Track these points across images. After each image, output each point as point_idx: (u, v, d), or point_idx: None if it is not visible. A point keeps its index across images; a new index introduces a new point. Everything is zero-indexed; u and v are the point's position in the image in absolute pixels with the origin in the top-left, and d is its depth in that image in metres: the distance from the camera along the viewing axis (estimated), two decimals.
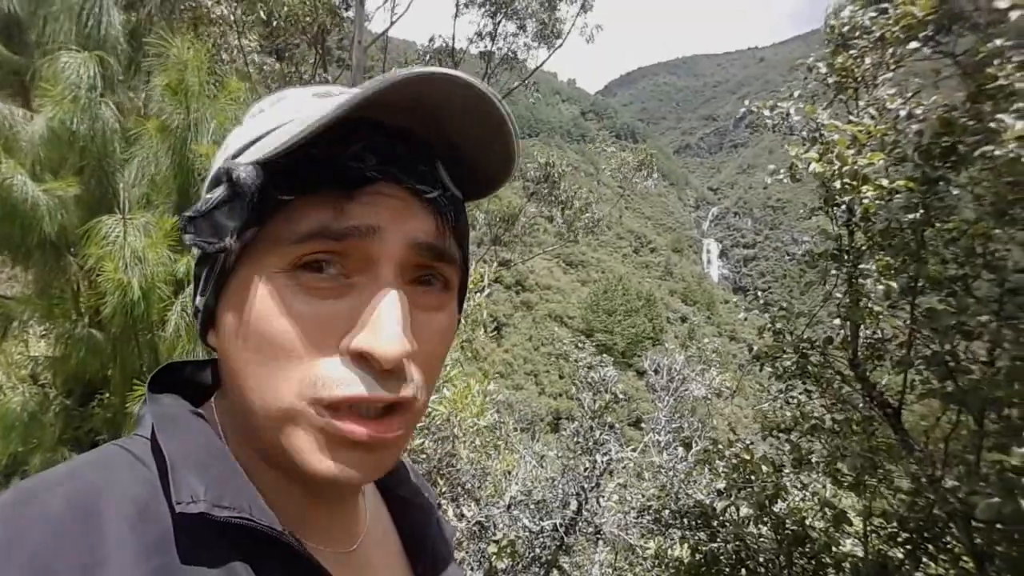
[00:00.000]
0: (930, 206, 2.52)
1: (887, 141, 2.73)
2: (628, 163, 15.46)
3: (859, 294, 2.95)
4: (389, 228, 0.47)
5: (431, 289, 0.51)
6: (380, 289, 0.46)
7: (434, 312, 0.51)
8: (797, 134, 3.25)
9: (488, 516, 5.19)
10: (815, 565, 3.14)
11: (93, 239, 3.02)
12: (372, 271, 0.47)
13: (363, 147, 0.47)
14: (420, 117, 0.49)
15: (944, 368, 2.46)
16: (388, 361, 0.44)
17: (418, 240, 0.48)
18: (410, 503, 0.70)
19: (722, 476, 3.69)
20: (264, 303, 0.47)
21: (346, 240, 0.46)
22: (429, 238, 0.49)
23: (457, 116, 0.48)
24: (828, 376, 3.25)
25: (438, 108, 0.48)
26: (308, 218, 0.46)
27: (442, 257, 0.51)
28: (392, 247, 0.47)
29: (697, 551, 3.60)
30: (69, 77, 3.14)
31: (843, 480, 3.09)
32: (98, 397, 3.54)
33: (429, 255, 0.50)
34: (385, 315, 0.45)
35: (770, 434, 3.49)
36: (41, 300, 3.56)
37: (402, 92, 0.44)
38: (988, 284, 2.40)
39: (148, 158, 3.31)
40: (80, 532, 0.39)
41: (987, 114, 2.27)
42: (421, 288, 0.51)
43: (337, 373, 0.45)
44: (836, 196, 2.86)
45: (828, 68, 3.23)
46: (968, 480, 2.33)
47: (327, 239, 0.46)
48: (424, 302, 0.50)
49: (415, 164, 0.49)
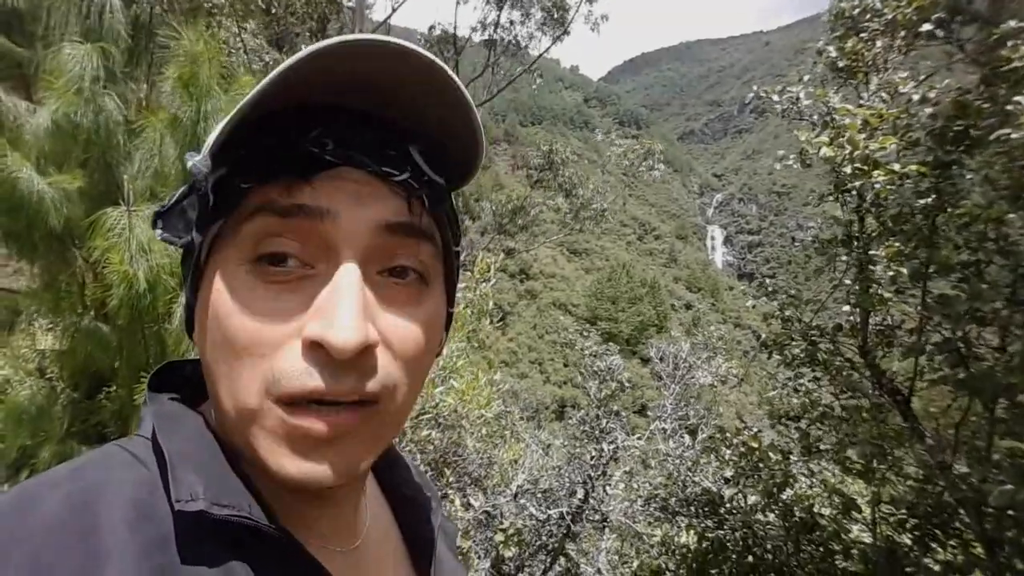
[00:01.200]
0: (943, 191, 2.49)
1: (899, 125, 2.69)
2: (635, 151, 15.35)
3: (869, 280, 2.92)
4: (347, 212, 0.45)
5: (405, 281, 0.49)
6: (337, 275, 0.44)
7: (410, 305, 0.49)
8: (807, 119, 3.21)
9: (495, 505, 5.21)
10: (823, 552, 3.14)
11: (98, 231, 3.01)
12: (333, 258, 0.45)
13: (321, 132, 0.45)
14: (385, 98, 0.47)
15: (956, 355, 2.44)
16: (341, 351, 0.42)
17: (386, 222, 0.46)
18: (412, 501, 0.69)
19: (729, 464, 3.69)
20: (225, 298, 0.45)
21: (293, 218, 0.44)
22: (400, 218, 0.47)
23: (414, 95, 0.46)
24: (837, 363, 3.23)
25: (395, 87, 0.46)
26: (268, 207, 0.45)
27: (416, 234, 0.48)
28: (352, 232, 0.45)
29: (704, 538, 3.61)
30: (72, 69, 3.13)
31: (852, 467, 3.09)
32: (105, 390, 3.55)
33: (402, 233, 0.47)
34: (339, 301, 0.43)
35: (778, 422, 3.48)
36: (47, 293, 3.56)
37: (340, 69, 0.43)
38: (1001, 270, 2.37)
39: (152, 150, 3.29)
40: (80, 532, 0.39)
41: (1002, 96, 2.23)
42: (394, 280, 0.48)
43: (294, 366, 0.43)
44: (847, 181, 2.83)
45: (838, 52, 3.18)
46: (980, 467, 2.32)
47: (271, 213, 0.44)
48: (398, 295, 0.48)
49: (381, 148, 0.47)
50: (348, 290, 0.43)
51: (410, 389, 0.50)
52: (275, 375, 0.43)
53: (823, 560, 3.12)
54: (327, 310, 0.43)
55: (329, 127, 0.46)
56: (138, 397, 3.12)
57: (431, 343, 0.51)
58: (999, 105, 2.19)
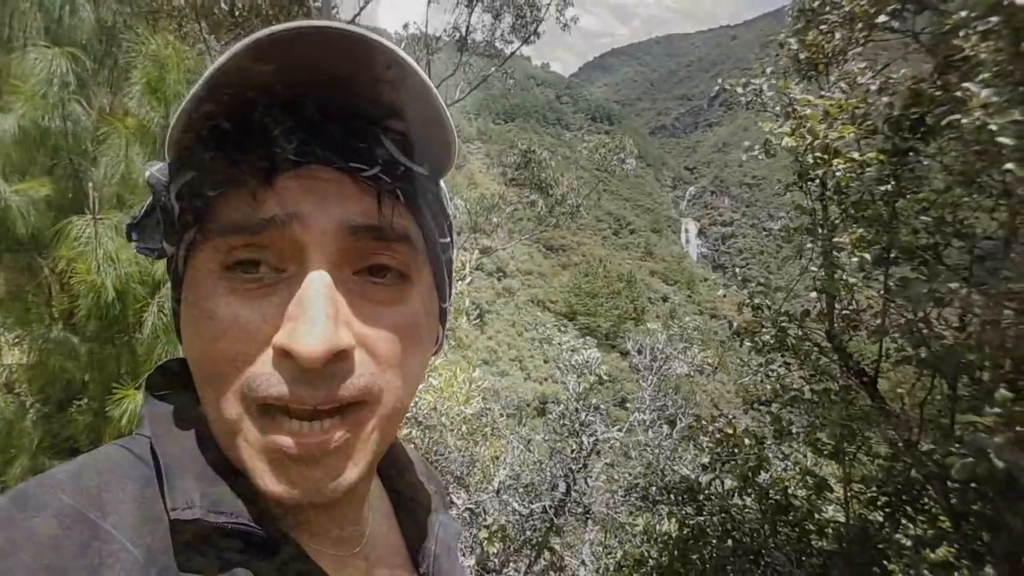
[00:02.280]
0: (901, 177, 2.57)
1: (858, 114, 2.77)
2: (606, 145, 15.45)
3: (834, 267, 3.00)
4: (314, 213, 0.43)
5: (384, 280, 0.47)
6: (305, 282, 0.43)
7: (389, 304, 0.47)
8: (770, 110, 3.28)
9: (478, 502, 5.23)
10: (799, 532, 3.22)
11: (64, 240, 2.96)
12: (303, 261, 0.44)
13: (283, 130, 0.43)
14: (347, 88, 0.44)
15: (918, 335, 2.52)
16: (308, 360, 0.40)
17: (354, 223, 0.44)
18: (413, 500, 0.68)
19: (706, 451, 3.76)
20: (201, 307, 0.45)
21: (265, 232, 0.43)
22: (368, 219, 0.45)
23: (374, 81, 0.44)
24: (806, 348, 3.31)
25: (353, 74, 0.43)
26: (232, 213, 0.44)
27: (385, 237, 0.46)
28: (320, 233, 0.43)
29: (684, 525, 3.67)
30: (39, 74, 3.06)
31: (823, 449, 3.17)
32: (76, 403, 3.48)
33: (370, 237, 0.45)
34: (306, 309, 0.41)
35: (752, 407, 3.55)
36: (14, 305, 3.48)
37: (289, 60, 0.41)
38: (958, 252, 2.46)
39: (118, 156, 3.24)
40: (82, 535, 0.39)
41: (954, 84, 2.31)
42: (372, 279, 0.47)
43: (266, 373, 0.42)
44: (809, 170, 2.90)
45: (799, 44, 3.26)
46: (943, 442, 2.40)
47: (246, 232, 0.43)
48: (376, 294, 0.47)
49: (348, 141, 0.45)
50: (315, 297, 0.42)
51: (400, 390, 0.48)
52: (249, 382, 0.43)
53: (799, 540, 3.20)
54: (294, 318, 0.42)
55: (291, 124, 0.44)
56: (110, 408, 3.06)
57: (417, 342, 0.50)
58: (951, 92, 2.27)
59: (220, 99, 0.42)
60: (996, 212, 2.38)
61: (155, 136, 3.22)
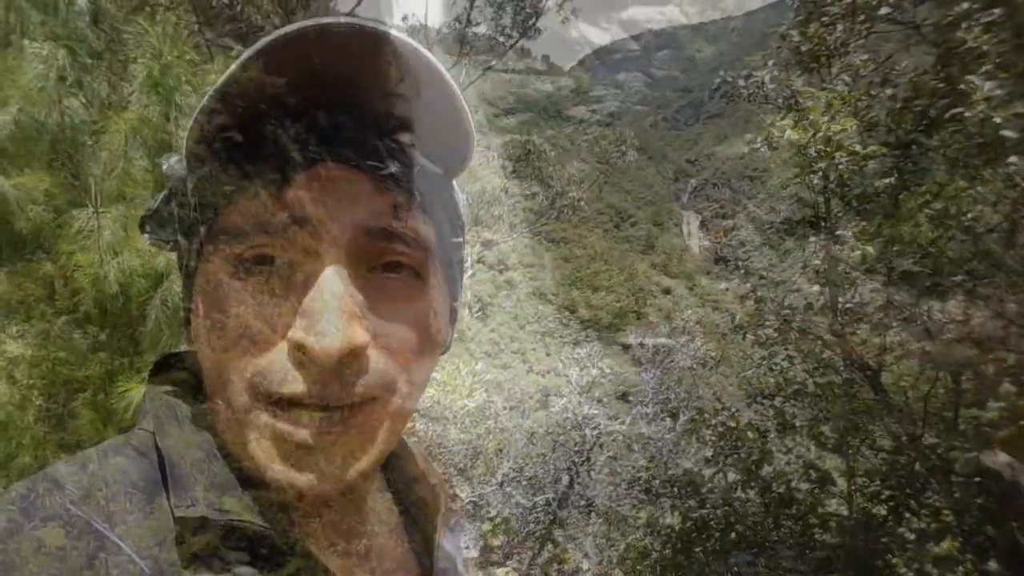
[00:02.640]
0: (904, 170, 2.56)
1: (860, 107, 2.75)
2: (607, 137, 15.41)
3: (837, 260, 2.99)
4: (332, 214, 0.43)
5: (399, 276, 0.47)
6: (321, 277, 0.43)
7: (404, 301, 0.47)
8: (772, 103, 3.26)
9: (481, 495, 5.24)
10: (802, 526, 3.23)
11: (66, 234, 2.95)
12: (319, 259, 0.43)
13: (300, 127, 0.43)
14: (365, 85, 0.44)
15: (921, 329, 2.51)
16: (324, 358, 0.40)
17: (368, 226, 0.44)
18: (415, 497, 0.67)
19: (709, 444, 3.76)
20: (214, 299, 0.45)
21: (281, 229, 0.43)
22: (381, 222, 0.45)
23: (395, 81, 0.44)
24: (809, 341, 3.31)
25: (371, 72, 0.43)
26: (248, 210, 0.43)
27: (398, 240, 0.46)
28: (337, 234, 0.43)
29: (687, 518, 3.68)
30: (36, 68, 3.04)
31: (827, 442, 3.17)
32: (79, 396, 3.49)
33: (384, 240, 0.45)
34: (323, 306, 0.41)
35: (754, 401, 3.55)
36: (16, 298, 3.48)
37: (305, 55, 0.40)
38: (961, 245, 2.45)
39: (118, 151, 3.22)
40: (89, 546, 0.39)
41: (957, 77, 2.29)
42: (387, 276, 0.46)
43: (279, 367, 0.42)
44: (812, 163, 2.88)
45: (801, 36, 3.23)
46: (947, 436, 2.40)
47: (265, 234, 0.43)
48: (391, 291, 0.46)
49: (364, 138, 0.45)
50: (332, 294, 0.42)
51: (411, 386, 0.48)
52: (261, 376, 0.42)
53: (802, 534, 3.20)
54: (311, 314, 0.41)
55: (308, 121, 0.43)
56: (115, 402, 3.07)
57: (431, 338, 0.50)
58: (954, 85, 2.25)
59: (235, 102, 0.42)
60: (999, 205, 2.37)
61: (156, 130, 3.20)
